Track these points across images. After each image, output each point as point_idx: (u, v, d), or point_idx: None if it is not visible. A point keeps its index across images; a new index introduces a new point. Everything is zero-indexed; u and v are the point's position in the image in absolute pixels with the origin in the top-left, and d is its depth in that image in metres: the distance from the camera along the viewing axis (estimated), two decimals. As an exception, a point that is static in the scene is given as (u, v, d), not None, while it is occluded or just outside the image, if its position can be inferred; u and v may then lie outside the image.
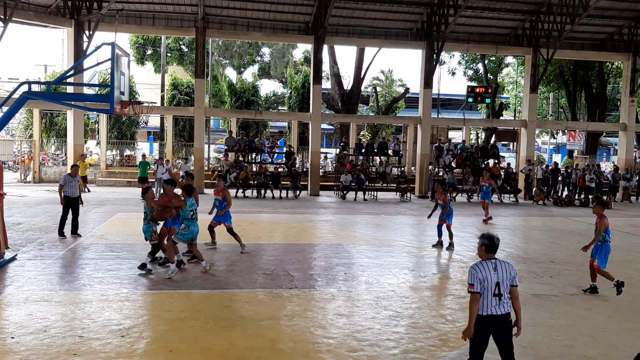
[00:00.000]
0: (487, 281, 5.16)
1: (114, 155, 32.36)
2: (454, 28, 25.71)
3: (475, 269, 5.25)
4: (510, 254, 12.90)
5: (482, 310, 5.19)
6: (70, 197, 13.43)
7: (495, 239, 5.38)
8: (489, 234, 5.44)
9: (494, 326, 5.22)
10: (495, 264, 5.25)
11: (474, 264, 5.36)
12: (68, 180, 13.46)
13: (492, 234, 5.42)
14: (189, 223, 10.19)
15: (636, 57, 27.68)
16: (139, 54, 40.84)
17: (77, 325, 7.30)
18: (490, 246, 5.35)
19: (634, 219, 20.22)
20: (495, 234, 5.44)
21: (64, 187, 13.38)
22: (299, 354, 6.56)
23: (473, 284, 5.19)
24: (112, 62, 10.74)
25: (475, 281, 5.18)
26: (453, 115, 42.76)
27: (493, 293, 5.16)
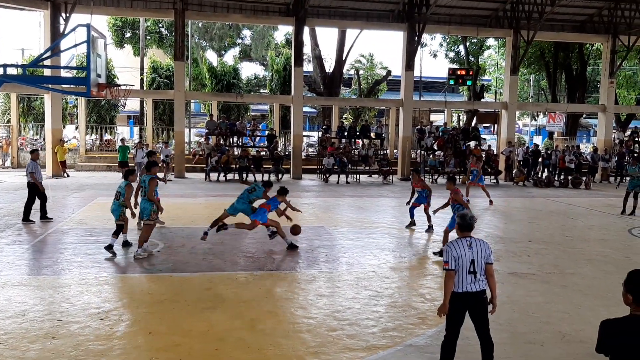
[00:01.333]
0: (461, 259, 5.21)
1: (93, 140, 32.00)
2: (435, 10, 25.66)
3: (450, 246, 5.30)
4: (489, 234, 13.04)
5: (458, 287, 5.25)
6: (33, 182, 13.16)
7: (468, 217, 5.43)
8: (463, 212, 5.49)
9: (469, 303, 5.29)
10: (470, 242, 5.30)
11: (449, 242, 5.42)
12: (35, 166, 13.16)
13: (465, 213, 5.47)
14: None
15: (615, 38, 27.88)
16: (117, 36, 40.23)
17: (55, 309, 7.26)
18: (464, 225, 5.40)
19: (612, 199, 20.50)
20: (469, 213, 5.49)
21: (35, 173, 13.12)
22: (279, 334, 6.59)
23: (448, 262, 5.24)
24: (87, 44, 10.59)
25: (449, 259, 5.23)
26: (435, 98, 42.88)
27: (468, 270, 5.21)
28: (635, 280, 3.48)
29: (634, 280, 3.48)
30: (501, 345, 5.91)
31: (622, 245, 12.24)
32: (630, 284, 3.49)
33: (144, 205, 10.24)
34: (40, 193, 13.20)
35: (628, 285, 3.51)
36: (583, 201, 19.88)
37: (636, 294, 3.45)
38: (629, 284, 3.50)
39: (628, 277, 3.53)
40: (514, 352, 6.19)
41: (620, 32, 27.48)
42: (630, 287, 3.49)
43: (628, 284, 3.51)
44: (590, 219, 15.83)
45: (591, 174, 26.37)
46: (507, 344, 6.33)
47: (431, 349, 6.10)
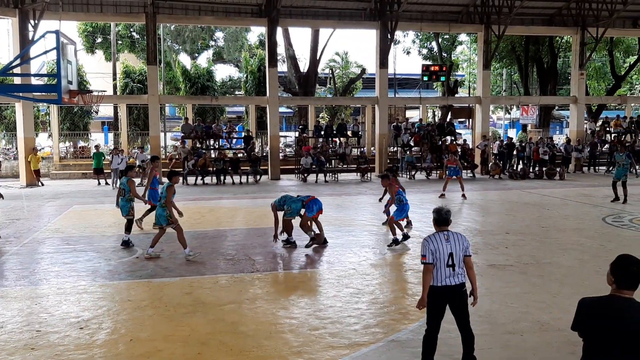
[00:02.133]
0: (439, 252, 5.26)
1: (67, 147, 31.56)
2: (407, 7, 25.83)
3: (428, 240, 5.35)
4: (467, 227, 13.18)
5: (437, 281, 5.30)
6: None
7: (443, 211, 5.47)
8: (439, 207, 5.53)
9: (449, 296, 5.34)
10: (448, 236, 5.36)
11: (427, 236, 5.46)
12: None
13: (440, 207, 5.51)
14: None
15: (584, 31, 28.34)
16: (88, 42, 39.71)
17: (34, 319, 7.16)
18: (439, 219, 5.45)
19: (586, 189, 20.87)
20: (445, 207, 5.54)
21: None
22: (261, 335, 6.59)
23: (425, 255, 5.28)
24: (57, 50, 10.44)
25: (427, 252, 5.27)
26: (410, 95, 43.21)
27: (446, 264, 5.26)
28: (621, 265, 3.55)
29: (621, 264, 3.56)
30: (481, 337, 5.99)
31: (596, 233, 12.46)
32: (615, 267, 3.57)
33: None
34: None
35: (614, 267, 3.58)
36: (558, 192, 20.18)
37: (618, 277, 3.53)
38: (615, 266, 3.57)
39: (616, 260, 3.61)
40: (494, 343, 6.27)
41: (589, 25, 27.95)
42: (614, 270, 3.57)
43: (614, 266, 3.59)
44: (565, 209, 16.08)
45: (565, 165, 26.77)
46: (487, 334, 6.41)
47: (413, 344, 6.15)
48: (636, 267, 3.51)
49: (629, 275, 3.51)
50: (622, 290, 3.52)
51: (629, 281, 3.51)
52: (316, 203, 11.12)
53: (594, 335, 3.53)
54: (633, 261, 3.54)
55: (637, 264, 3.52)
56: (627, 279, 3.51)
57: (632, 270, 3.51)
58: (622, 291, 3.52)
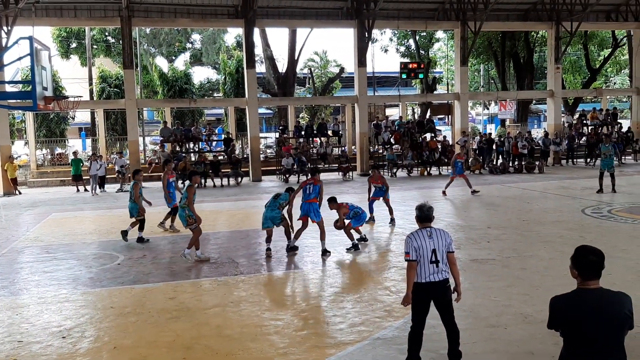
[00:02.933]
0: (422, 249, 5.27)
1: (44, 155, 31.10)
2: (384, 5, 25.89)
3: (411, 237, 5.37)
4: (449, 223, 13.26)
5: (421, 278, 5.31)
6: None
7: (425, 208, 5.49)
8: (421, 204, 5.54)
9: (433, 292, 5.36)
10: (430, 232, 5.38)
11: (410, 233, 5.47)
12: None
13: (423, 204, 5.52)
14: None
15: (559, 25, 28.66)
16: (62, 47, 39.18)
17: (15, 330, 7.05)
18: (421, 216, 5.46)
19: (565, 182, 21.13)
20: (427, 204, 5.55)
21: None
22: (246, 338, 6.55)
23: (409, 252, 5.30)
24: (31, 56, 10.30)
25: (410, 249, 5.29)
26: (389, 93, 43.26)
27: (430, 260, 5.28)
28: (580, 255, 3.59)
29: (579, 255, 3.59)
30: (466, 331, 6.02)
31: (576, 225, 12.62)
32: (576, 260, 3.60)
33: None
34: None
35: (575, 260, 3.61)
36: (537, 185, 20.40)
37: (582, 268, 3.56)
38: (576, 259, 3.60)
39: (575, 252, 3.64)
40: (478, 337, 6.31)
41: (563, 19, 28.28)
42: (575, 263, 3.60)
43: (575, 259, 3.62)
44: (545, 202, 16.26)
45: (544, 158, 27.07)
46: (471, 329, 6.45)
47: (399, 341, 6.17)
48: (594, 256, 3.56)
49: (590, 265, 3.54)
50: (588, 282, 3.55)
51: (591, 271, 3.55)
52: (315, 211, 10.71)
53: (572, 331, 3.56)
54: (591, 250, 3.59)
55: (594, 252, 3.57)
56: (590, 269, 3.55)
57: (591, 259, 3.55)
58: (587, 283, 3.56)
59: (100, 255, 11.05)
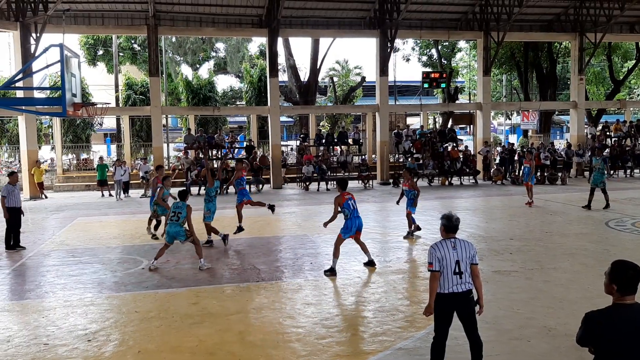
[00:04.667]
0: (446, 259, 5.28)
1: (70, 160, 31.63)
2: (406, 15, 25.94)
3: (435, 248, 5.37)
4: (471, 234, 13.19)
5: (444, 289, 5.31)
6: (13, 207, 12.35)
7: (454, 218, 5.49)
8: (448, 214, 5.53)
9: (456, 303, 5.36)
10: (455, 243, 5.38)
11: (433, 243, 5.48)
12: (10, 190, 12.36)
13: (451, 214, 5.52)
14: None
15: (582, 36, 28.43)
16: (90, 55, 39.87)
17: (41, 333, 7.19)
18: (449, 226, 5.46)
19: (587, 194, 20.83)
20: (455, 214, 5.56)
21: (7, 197, 12.29)
22: (268, 345, 6.61)
23: (432, 263, 5.31)
24: (61, 63, 10.53)
25: (434, 260, 5.30)
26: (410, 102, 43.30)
27: (453, 271, 5.28)
28: (619, 269, 3.58)
29: (618, 269, 3.58)
30: (489, 343, 6.00)
31: (600, 238, 12.48)
32: (615, 274, 3.58)
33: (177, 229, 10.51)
34: (16, 219, 12.41)
35: (612, 274, 3.59)
36: (560, 196, 20.19)
37: (620, 283, 3.54)
38: (614, 274, 3.59)
39: (612, 267, 3.62)
40: (501, 349, 6.28)
41: (587, 30, 28.05)
42: (614, 277, 3.58)
43: (612, 273, 3.60)
44: (568, 214, 16.10)
45: (566, 170, 26.79)
46: (494, 341, 6.43)
47: (421, 351, 6.17)
48: (633, 270, 3.56)
49: (629, 279, 3.54)
50: (625, 297, 3.54)
51: (630, 286, 3.54)
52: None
53: (607, 348, 3.52)
54: (630, 265, 3.59)
55: (633, 267, 3.57)
56: (628, 284, 3.54)
57: (630, 274, 3.55)
58: (624, 298, 3.54)
59: (125, 260, 11.22)
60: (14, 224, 12.45)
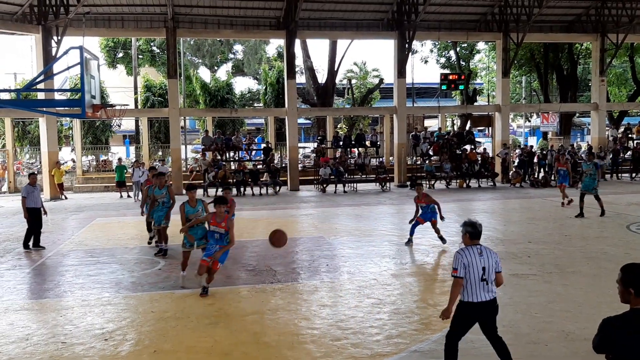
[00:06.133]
0: (472, 266, 5.19)
1: (89, 161, 32.00)
2: (425, 17, 25.83)
3: (461, 254, 5.29)
4: (489, 237, 13.06)
5: (471, 297, 5.21)
6: (33, 208, 12.48)
7: (478, 225, 5.41)
8: (471, 221, 5.45)
9: (483, 312, 5.27)
10: (480, 250, 5.30)
11: (459, 249, 5.40)
12: (30, 191, 12.49)
13: (474, 221, 5.45)
14: None
15: (604, 37, 28.08)
16: (109, 57, 40.36)
17: (59, 331, 7.26)
18: (474, 233, 5.37)
19: (608, 197, 20.51)
20: (477, 221, 5.48)
21: (27, 198, 12.45)
22: (284, 346, 6.60)
23: (457, 269, 5.22)
24: (81, 65, 10.64)
25: (459, 266, 5.22)
26: (428, 104, 43.08)
27: (480, 278, 5.19)
28: (634, 273, 3.49)
29: (634, 273, 3.50)
30: (505, 347, 5.92)
31: (620, 241, 12.28)
32: (629, 278, 3.49)
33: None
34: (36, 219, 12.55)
35: (626, 279, 3.50)
36: (580, 200, 19.89)
37: (638, 286, 3.46)
38: (628, 277, 3.50)
39: (624, 272, 3.53)
40: (519, 353, 6.18)
41: (608, 31, 27.70)
42: (629, 281, 3.49)
43: (626, 278, 3.51)
44: (588, 217, 15.86)
45: (587, 172, 26.40)
46: (511, 345, 6.31)
47: (436, 354, 6.12)
48: None
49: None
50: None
51: None
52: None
53: (626, 355, 3.44)
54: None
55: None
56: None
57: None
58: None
59: (142, 261, 11.30)
60: (35, 224, 12.60)
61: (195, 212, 9.50)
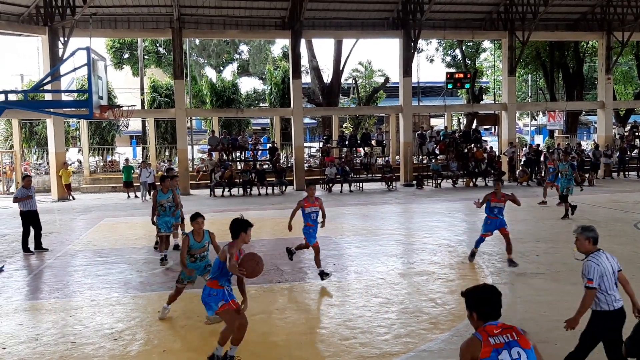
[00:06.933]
0: (607, 274, 4.97)
1: (97, 162, 32.11)
2: (430, 15, 25.81)
3: (596, 263, 4.99)
4: (496, 236, 13.00)
5: (611, 305, 4.99)
6: (28, 210, 12.38)
7: (593, 227, 5.22)
8: (589, 226, 5.23)
9: (622, 320, 5.03)
10: (606, 254, 5.11)
11: (592, 257, 5.11)
12: (24, 193, 12.32)
13: (592, 226, 5.24)
14: None
15: (610, 35, 27.96)
16: (116, 58, 40.45)
17: (68, 331, 7.30)
18: (596, 238, 5.16)
19: (615, 195, 20.51)
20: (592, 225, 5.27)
21: (21, 201, 12.28)
22: (292, 345, 6.62)
23: (593, 279, 4.94)
24: (88, 66, 10.67)
25: (595, 276, 4.94)
26: (434, 103, 43.02)
27: (615, 284, 5.01)
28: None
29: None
30: (514, 346, 5.91)
31: (628, 240, 12.24)
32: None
33: None
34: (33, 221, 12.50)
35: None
36: (587, 198, 19.84)
37: None
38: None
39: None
40: (527, 352, 6.19)
41: (614, 29, 27.59)
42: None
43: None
44: (595, 216, 15.81)
45: (594, 171, 26.35)
46: (520, 344, 6.33)
47: (445, 354, 6.12)
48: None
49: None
50: None
51: None
52: None
53: None
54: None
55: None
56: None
57: None
58: None
59: (150, 260, 11.33)
60: (34, 226, 12.56)
61: (201, 247, 7.73)
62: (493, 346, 3.38)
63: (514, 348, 3.39)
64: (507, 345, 3.40)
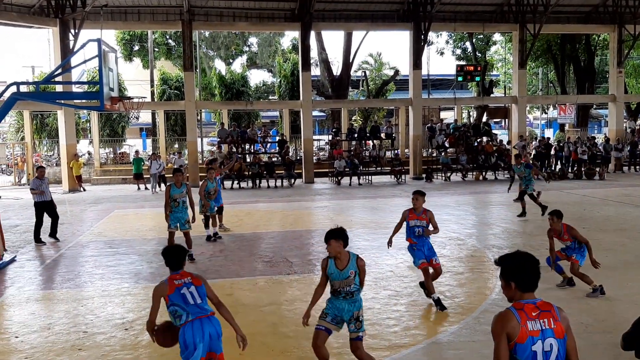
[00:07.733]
0: None
1: (107, 154, 32.30)
2: (440, 8, 25.68)
3: None
4: (506, 229, 13.02)
5: None
6: (43, 201, 12.55)
7: None
8: None
9: None
10: None
11: None
12: (38, 184, 12.47)
13: None
14: None
15: (622, 28, 27.71)
16: (126, 50, 40.57)
17: (80, 321, 7.38)
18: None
19: (627, 189, 20.39)
20: None
21: (36, 192, 12.48)
22: (302, 336, 6.64)
23: None
24: (99, 58, 10.73)
25: None
26: (444, 95, 42.82)
27: None
28: None
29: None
30: (523, 339, 5.92)
31: (639, 234, 12.17)
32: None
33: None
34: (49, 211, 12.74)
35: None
36: (598, 192, 19.76)
37: None
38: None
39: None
40: (536, 345, 6.20)
41: (626, 22, 27.33)
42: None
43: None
44: (606, 209, 15.75)
45: (604, 165, 26.20)
46: (529, 337, 6.34)
47: (454, 346, 6.14)
48: None
49: None
50: None
51: None
52: None
53: None
54: None
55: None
56: None
57: None
58: None
59: (160, 251, 11.36)
60: (50, 216, 12.77)
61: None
62: (530, 333, 3.18)
63: (547, 339, 3.20)
64: (542, 334, 3.19)
